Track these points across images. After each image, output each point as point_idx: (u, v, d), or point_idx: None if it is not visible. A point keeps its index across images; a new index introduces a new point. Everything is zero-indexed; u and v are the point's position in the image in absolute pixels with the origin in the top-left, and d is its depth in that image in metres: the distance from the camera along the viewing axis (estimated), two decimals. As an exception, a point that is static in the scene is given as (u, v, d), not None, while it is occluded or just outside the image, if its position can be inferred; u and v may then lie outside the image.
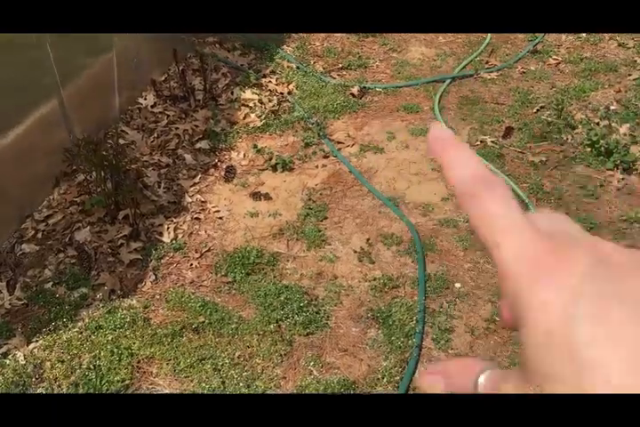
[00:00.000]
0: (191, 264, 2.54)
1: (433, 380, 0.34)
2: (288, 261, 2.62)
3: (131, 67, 3.33)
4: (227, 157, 3.19)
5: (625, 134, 3.18)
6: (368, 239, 2.73)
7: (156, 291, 2.39)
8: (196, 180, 2.96)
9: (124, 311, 2.22)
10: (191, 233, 2.70)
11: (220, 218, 2.79)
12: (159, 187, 2.81)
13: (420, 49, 4.37)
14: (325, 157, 3.26)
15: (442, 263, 2.62)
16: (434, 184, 3.07)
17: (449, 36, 4.55)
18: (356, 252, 2.66)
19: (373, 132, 3.47)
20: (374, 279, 2.53)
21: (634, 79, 3.83)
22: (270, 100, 3.60)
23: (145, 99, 3.40)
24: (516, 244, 0.29)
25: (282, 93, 3.72)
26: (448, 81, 3.93)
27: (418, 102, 3.75)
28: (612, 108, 3.48)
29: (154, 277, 2.44)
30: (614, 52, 4.21)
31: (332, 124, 3.53)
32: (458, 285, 2.52)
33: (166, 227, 2.64)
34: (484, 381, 0.31)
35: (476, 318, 2.36)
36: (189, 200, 2.83)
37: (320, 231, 2.77)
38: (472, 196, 0.31)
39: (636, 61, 4.03)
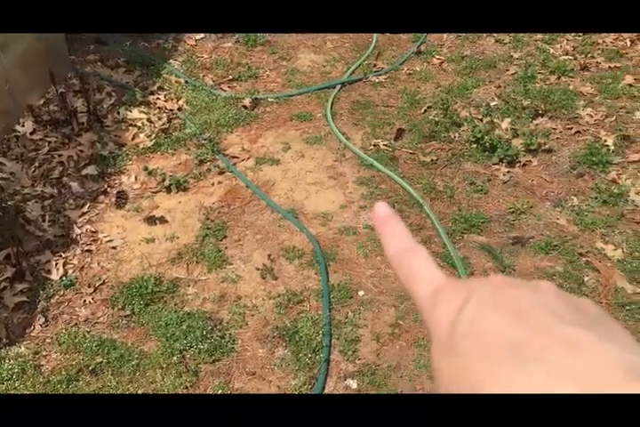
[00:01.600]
0: (84, 301, 2.42)
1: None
2: (189, 286, 2.55)
3: (3, 93, 3.13)
4: (117, 181, 3.07)
5: (506, 129, 3.33)
6: (270, 255, 2.70)
7: (46, 334, 2.25)
8: (85, 209, 2.82)
9: (12, 361, 2.08)
10: (82, 267, 2.57)
11: (114, 248, 2.68)
12: (44, 220, 2.66)
13: (309, 56, 4.39)
14: (221, 173, 3.21)
15: (345, 272, 2.63)
16: (331, 192, 3.09)
17: (337, 41, 4.60)
18: (258, 269, 2.63)
19: (268, 144, 3.45)
20: (278, 296, 2.51)
21: (512, 74, 4.02)
22: (160, 118, 3.50)
23: (22, 126, 3.21)
24: (429, 287, 0.36)
25: (171, 110, 3.62)
26: (338, 87, 3.97)
27: (311, 110, 3.76)
28: (492, 104, 3.64)
29: (43, 319, 2.30)
30: (492, 48, 4.40)
31: (226, 139, 3.48)
32: (361, 293, 2.54)
33: (54, 263, 2.50)
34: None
35: (380, 325, 2.39)
36: (78, 232, 2.69)
37: (220, 251, 2.72)
38: (401, 260, 0.39)
39: (512, 56, 4.24)
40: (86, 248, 2.64)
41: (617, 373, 0.27)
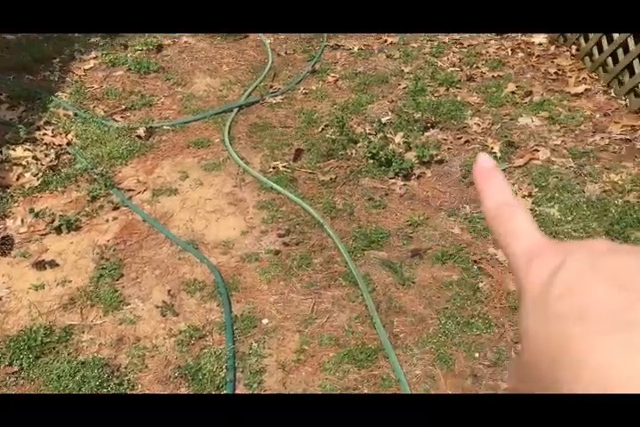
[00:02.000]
0: (-33, 360, 2.25)
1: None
2: (83, 332, 2.43)
3: None
4: (1, 226, 2.90)
5: (399, 143, 3.41)
6: (170, 290, 2.63)
7: None
8: (-35, 260, 2.65)
9: None
10: (-36, 323, 2.40)
11: (-1, 299, 2.53)
12: None
13: (204, 80, 4.35)
14: (116, 208, 3.10)
15: (248, 301, 2.59)
16: (232, 219, 3.05)
17: (232, 64, 4.59)
18: (158, 307, 2.55)
19: (165, 174, 3.37)
20: (180, 333, 2.43)
21: (403, 88, 4.13)
22: (47, 155, 3.35)
23: None
24: (526, 244, 0.35)
25: (60, 145, 3.48)
26: (235, 110, 3.95)
27: (208, 136, 3.71)
28: (385, 118, 3.71)
29: None
30: (384, 63, 4.52)
31: (120, 172, 3.38)
32: (265, 320, 2.51)
33: None
34: None
35: (286, 352, 2.36)
36: (-42, 285, 2.52)
37: (117, 292, 2.61)
38: (500, 215, 0.38)
39: (403, 71, 4.36)
40: (-32, 302, 2.47)
41: None
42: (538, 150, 3.39)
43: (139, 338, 2.41)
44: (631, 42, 3.61)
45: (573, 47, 4.31)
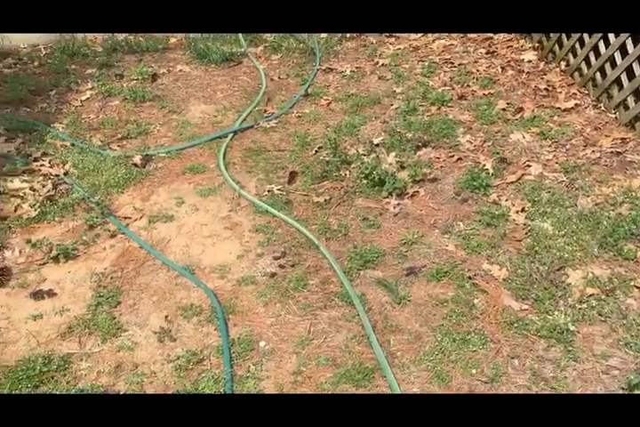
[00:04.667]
0: (-34, 391, 2.26)
1: None
2: (82, 360, 2.44)
3: None
4: (-1, 257, 2.93)
5: (392, 163, 3.44)
6: (167, 316, 2.64)
7: None
8: (-36, 291, 2.67)
9: None
10: (-37, 355, 2.41)
11: (-3, 329, 2.54)
12: None
13: (199, 107, 4.42)
14: (113, 236, 3.13)
15: (244, 324, 2.60)
16: (228, 243, 3.07)
17: (226, 90, 4.67)
18: (155, 333, 2.56)
19: (161, 201, 3.41)
20: (177, 358, 2.44)
21: (395, 108, 4.19)
22: (44, 186, 3.40)
23: None
24: None
25: (57, 175, 3.53)
26: (230, 135, 4.00)
27: (203, 162, 3.76)
28: (377, 140, 3.76)
29: None
30: (376, 85, 4.58)
31: (117, 200, 3.42)
32: (262, 343, 2.51)
33: None
34: None
35: (283, 374, 2.36)
36: (-43, 317, 2.54)
37: (114, 319, 2.63)
38: None
39: (395, 91, 4.42)
40: (-34, 334, 2.48)
41: None
42: (530, 166, 3.42)
43: (137, 364, 2.41)
44: (618, 56, 3.66)
45: (562, 63, 4.37)
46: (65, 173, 3.55)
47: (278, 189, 3.44)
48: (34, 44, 5.31)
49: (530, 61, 4.57)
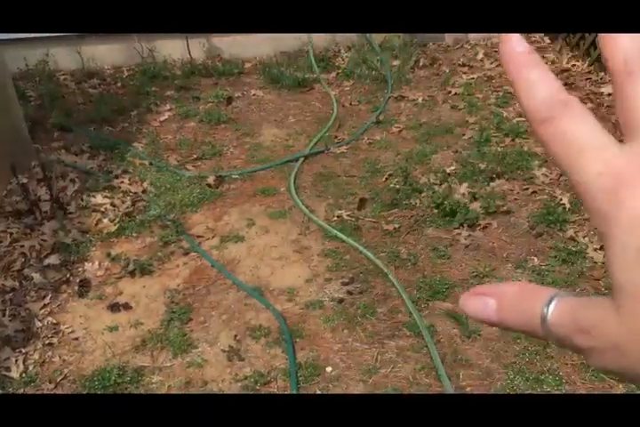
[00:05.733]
0: (45, 398, 2.35)
1: (480, 303, 0.30)
2: (154, 373, 2.50)
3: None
4: (80, 269, 3.06)
5: (464, 193, 3.41)
6: (236, 335, 2.68)
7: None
8: (47, 300, 2.80)
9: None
10: (43, 362, 2.52)
11: (76, 339, 2.64)
12: (4, 315, 2.63)
13: (271, 131, 4.52)
14: (186, 253, 3.22)
15: (312, 348, 2.60)
16: (297, 266, 3.10)
17: (298, 115, 4.76)
18: (224, 351, 2.60)
19: (233, 221, 3.49)
20: (245, 378, 2.46)
21: (468, 138, 4.16)
22: (124, 202, 3.54)
23: (-15, 219, 3.22)
24: (599, 160, 0.27)
25: (135, 193, 3.67)
26: (301, 160, 4.07)
27: (274, 184, 3.83)
28: (449, 169, 3.74)
29: (1, 421, 2.22)
30: (448, 114, 4.58)
31: (191, 218, 3.52)
32: (329, 369, 2.51)
33: (14, 360, 2.45)
34: (555, 309, 0.27)
35: (350, 403, 2.34)
36: (39, 325, 2.66)
37: (185, 335, 2.68)
38: (548, 119, 0.29)
39: (467, 121, 4.40)
40: (47, 342, 2.59)
41: None
42: (608, 202, 3.31)
43: (206, 381, 2.45)
44: None
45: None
46: (143, 191, 3.69)
47: (347, 215, 3.46)
48: (117, 66, 5.59)
49: (609, 95, 4.47)
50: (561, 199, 3.34)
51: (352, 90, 5.08)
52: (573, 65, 5.02)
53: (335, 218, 3.45)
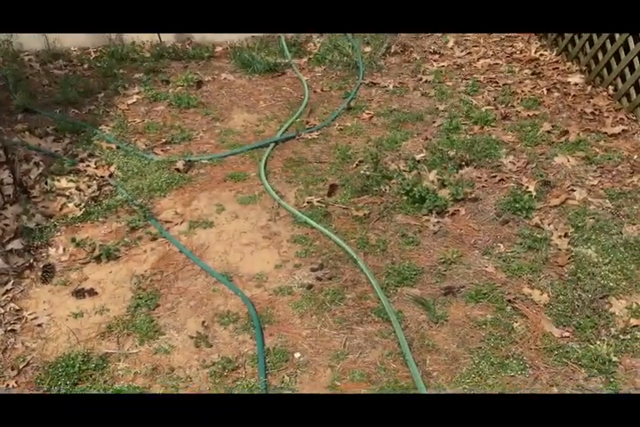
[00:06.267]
0: (7, 385, 2.31)
1: None
2: (119, 360, 2.47)
3: None
4: (44, 254, 3.00)
5: (433, 181, 3.43)
6: (204, 322, 2.66)
7: (-37, 426, 2.12)
8: (9, 286, 2.74)
9: None
10: (5, 349, 2.47)
11: (39, 325, 2.59)
12: (-36, 301, 2.56)
13: (242, 115, 4.47)
14: (154, 239, 3.17)
15: (280, 334, 2.61)
16: (266, 252, 3.09)
17: (269, 100, 4.71)
18: (192, 337, 2.58)
19: (202, 206, 3.45)
20: (213, 364, 2.45)
21: (438, 126, 4.18)
22: (89, 186, 3.47)
23: (-56, 202, 3.12)
24: None
25: (102, 177, 3.60)
26: (272, 145, 4.04)
27: (244, 170, 3.80)
28: (419, 156, 3.75)
29: (-39, 409, 2.17)
30: (419, 101, 4.58)
31: (159, 203, 3.47)
32: (297, 354, 2.51)
33: (-26, 347, 2.40)
34: None
35: (317, 387, 2.36)
36: (1, 311, 2.60)
37: (153, 321, 2.66)
38: None
39: (438, 108, 4.41)
40: (10, 328, 2.54)
41: None
42: (574, 190, 3.37)
43: (172, 368, 2.43)
44: (668, 83, 3.61)
45: (610, 88, 4.32)
46: (110, 175, 3.62)
47: (318, 201, 3.45)
48: (84, 47, 5.45)
49: (576, 84, 4.53)
50: (527, 187, 3.39)
51: (324, 76, 5.05)
52: (541, 54, 5.07)
53: (305, 204, 3.44)
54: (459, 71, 4.98)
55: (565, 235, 3.02)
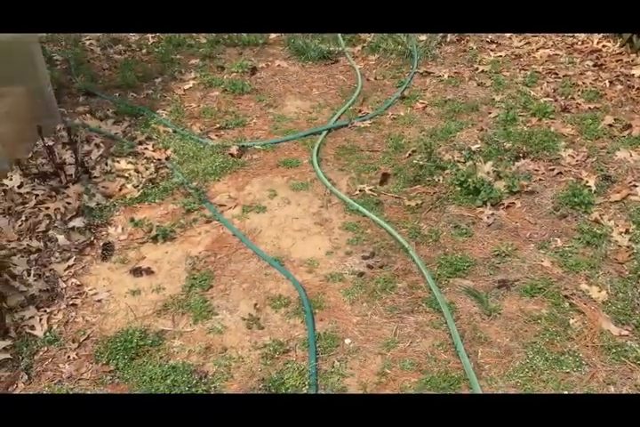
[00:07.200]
0: (68, 356, 2.40)
1: None
2: (174, 338, 2.53)
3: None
4: (103, 233, 3.09)
5: (488, 172, 3.38)
6: (256, 304, 2.70)
7: (29, 392, 2.22)
8: (71, 262, 2.83)
9: (-8, 423, 2.04)
10: (67, 322, 2.56)
11: (99, 301, 2.68)
12: (29, 275, 2.66)
13: (295, 102, 4.48)
14: (208, 222, 3.23)
15: (331, 320, 2.62)
16: (317, 239, 3.11)
17: (322, 88, 4.71)
18: (244, 319, 2.62)
19: (255, 191, 3.49)
20: (264, 346, 2.49)
21: (494, 117, 4.11)
22: (147, 168, 3.55)
23: (10, 179, 3.25)
24: None
25: (159, 160, 3.67)
26: (324, 132, 4.04)
27: (297, 156, 3.82)
28: (474, 147, 3.69)
29: (26, 376, 2.28)
30: (474, 91, 4.51)
31: (213, 187, 3.52)
32: (348, 341, 2.52)
33: (38, 319, 2.49)
34: None
35: (367, 374, 2.37)
36: (63, 286, 2.70)
37: (206, 302, 2.71)
38: None
39: (494, 99, 4.33)
40: (71, 302, 2.63)
41: None
42: (636, 186, 3.27)
43: (225, 348, 2.48)
44: None
45: (676, 81, 4.15)
46: (166, 158, 3.69)
47: (370, 190, 3.44)
48: (142, 33, 5.54)
49: (641, 77, 4.37)
50: (587, 181, 3.30)
51: (377, 64, 5.01)
52: (604, 46, 4.90)
53: (357, 192, 3.43)
54: (516, 61, 4.87)
55: (626, 231, 2.93)
